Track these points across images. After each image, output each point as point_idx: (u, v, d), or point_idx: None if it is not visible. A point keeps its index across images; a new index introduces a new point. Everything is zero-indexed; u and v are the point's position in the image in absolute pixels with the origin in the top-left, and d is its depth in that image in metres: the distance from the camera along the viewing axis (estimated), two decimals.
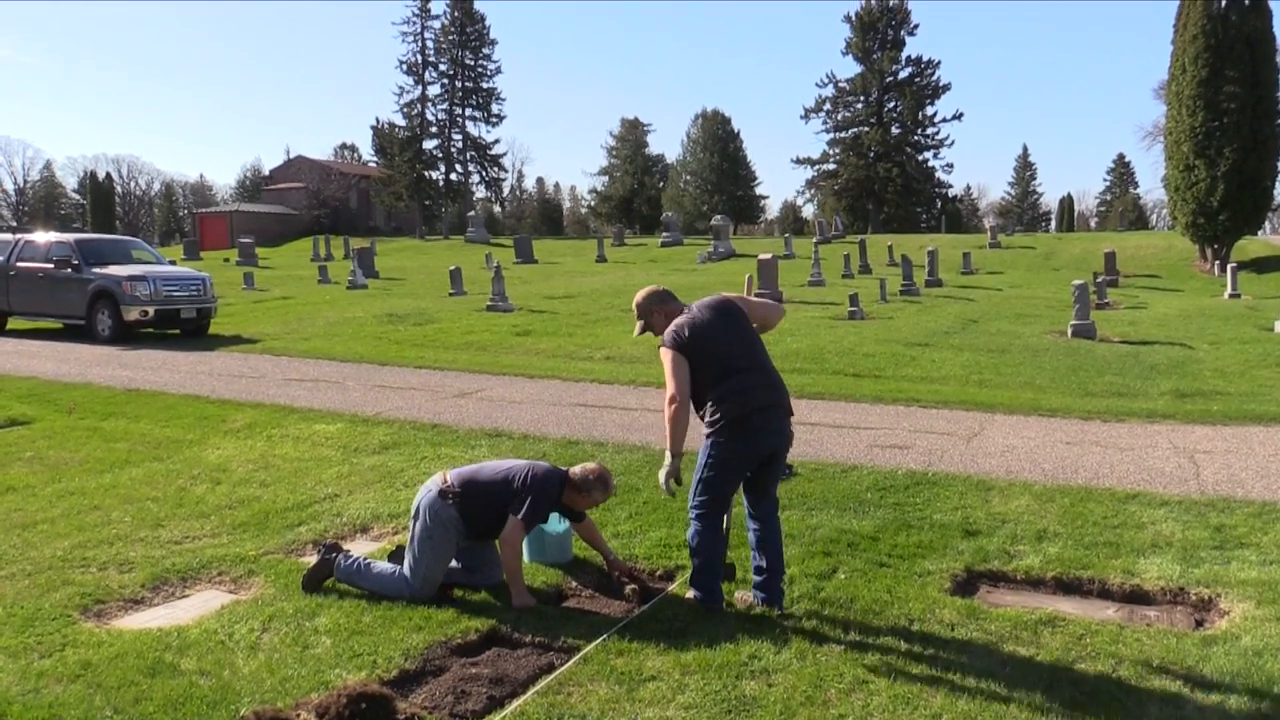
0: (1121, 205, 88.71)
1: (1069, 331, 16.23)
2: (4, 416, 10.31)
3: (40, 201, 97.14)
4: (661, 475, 4.69)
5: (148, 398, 11.30)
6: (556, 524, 5.57)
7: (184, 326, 17.84)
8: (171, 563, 5.69)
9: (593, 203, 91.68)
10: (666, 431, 4.66)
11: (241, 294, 26.57)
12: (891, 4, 69.82)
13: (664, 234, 46.68)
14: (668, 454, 4.66)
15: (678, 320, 4.85)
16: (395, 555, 5.32)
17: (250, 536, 6.21)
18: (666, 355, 4.74)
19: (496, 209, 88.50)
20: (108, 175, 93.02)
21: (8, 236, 20.39)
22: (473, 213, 60.09)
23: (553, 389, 11.80)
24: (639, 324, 5.12)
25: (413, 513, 5.16)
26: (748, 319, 4.98)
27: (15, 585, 5.30)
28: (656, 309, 5.02)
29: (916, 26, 70.25)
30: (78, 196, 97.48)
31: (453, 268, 26.25)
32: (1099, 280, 23.28)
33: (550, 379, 12.55)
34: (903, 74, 70.22)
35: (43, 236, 19.65)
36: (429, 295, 25.03)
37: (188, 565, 5.65)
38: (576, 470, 5.21)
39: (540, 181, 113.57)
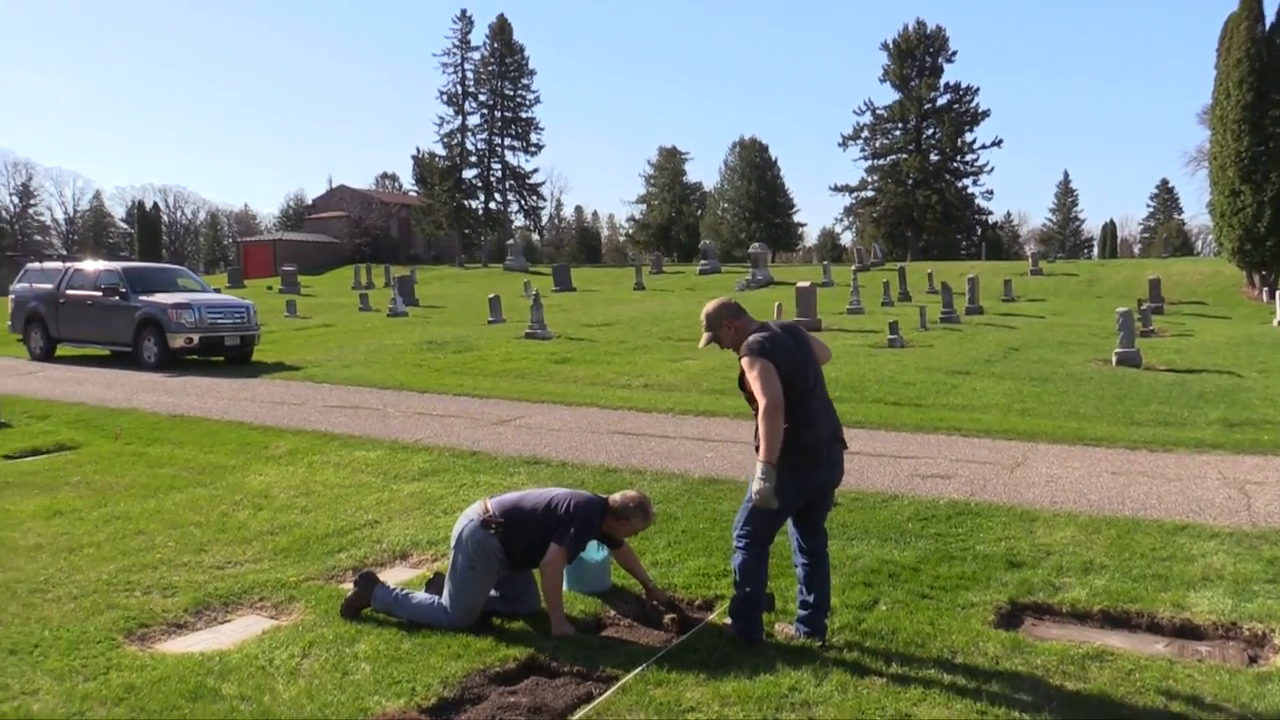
0: (1166, 231, 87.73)
1: (1113, 360, 16.01)
2: (53, 441, 10.50)
3: (89, 230, 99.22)
4: (761, 487, 4.43)
5: (192, 424, 11.46)
6: (595, 552, 5.56)
7: (228, 354, 18.10)
8: (214, 587, 5.74)
9: (631, 231, 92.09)
10: (764, 440, 4.45)
11: (284, 321, 26.93)
12: (929, 31, 69.84)
13: (702, 262, 46.77)
14: (762, 464, 4.44)
15: (759, 334, 4.74)
16: (433, 583, 5.33)
17: (291, 562, 6.25)
18: (756, 364, 4.58)
19: (535, 237, 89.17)
20: (155, 205, 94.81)
21: (57, 265, 20.91)
22: (512, 241, 60.53)
23: (591, 416, 11.82)
24: (706, 335, 4.96)
25: (453, 542, 5.16)
26: (812, 345, 4.94)
27: (62, 608, 5.36)
28: (727, 322, 4.89)
29: (955, 53, 70.24)
30: (126, 225, 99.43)
31: (492, 296, 26.44)
32: (1144, 307, 23.00)
33: (588, 406, 12.57)
34: (941, 101, 70.11)
35: (91, 265, 20.08)
36: (468, 323, 25.21)
37: (230, 590, 5.70)
38: (616, 498, 5.19)
39: (579, 210, 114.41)
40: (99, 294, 18.30)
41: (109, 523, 7.17)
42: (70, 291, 18.86)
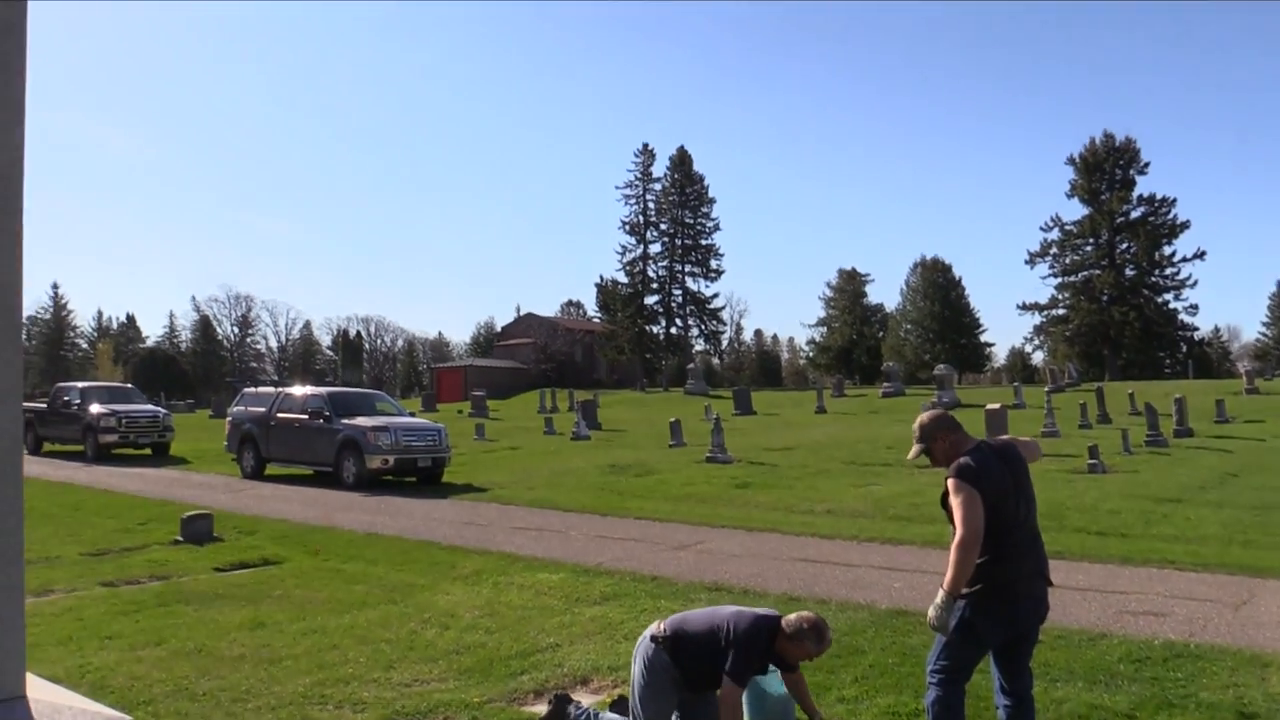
0: None
1: None
2: (259, 556, 11.13)
3: (299, 357, 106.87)
4: (935, 615, 4.30)
5: (385, 542, 11.90)
6: (778, 685, 5.35)
7: (420, 474, 18.85)
8: (401, 705, 5.84)
9: (811, 354, 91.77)
10: (950, 570, 4.26)
11: (473, 444, 27.89)
12: (1118, 144, 67.86)
13: (885, 384, 45.99)
14: (942, 594, 4.28)
15: (971, 457, 4.48)
16: (617, 705, 5.27)
17: (475, 683, 6.31)
18: (962, 490, 4.35)
19: (715, 361, 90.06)
20: (358, 333, 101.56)
21: (269, 390, 22.58)
22: (692, 365, 61.27)
23: (772, 543, 11.59)
24: (917, 446, 4.76)
25: (633, 659, 5.12)
26: (1028, 472, 4.68)
27: (260, 718, 5.57)
28: (941, 435, 4.67)
29: (1147, 164, 67.89)
30: (331, 353, 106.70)
31: (673, 419, 26.65)
32: None
33: (770, 532, 12.35)
34: (1134, 214, 67.56)
35: (300, 390, 21.53)
36: (649, 446, 25.43)
37: (416, 708, 5.78)
38: (791, 618, 4.98)
39: (758, 333, 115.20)
40: (305, 417, 19.56)
41: (306, 636, 7.46)
42: (280, 414, 20.25)
